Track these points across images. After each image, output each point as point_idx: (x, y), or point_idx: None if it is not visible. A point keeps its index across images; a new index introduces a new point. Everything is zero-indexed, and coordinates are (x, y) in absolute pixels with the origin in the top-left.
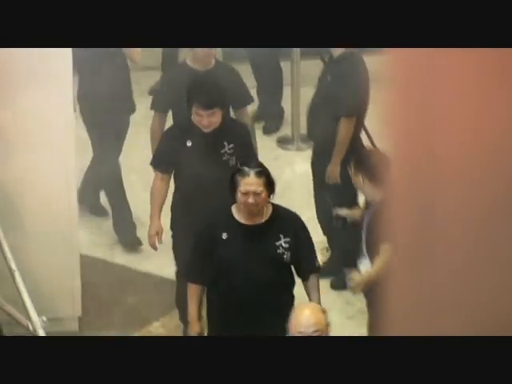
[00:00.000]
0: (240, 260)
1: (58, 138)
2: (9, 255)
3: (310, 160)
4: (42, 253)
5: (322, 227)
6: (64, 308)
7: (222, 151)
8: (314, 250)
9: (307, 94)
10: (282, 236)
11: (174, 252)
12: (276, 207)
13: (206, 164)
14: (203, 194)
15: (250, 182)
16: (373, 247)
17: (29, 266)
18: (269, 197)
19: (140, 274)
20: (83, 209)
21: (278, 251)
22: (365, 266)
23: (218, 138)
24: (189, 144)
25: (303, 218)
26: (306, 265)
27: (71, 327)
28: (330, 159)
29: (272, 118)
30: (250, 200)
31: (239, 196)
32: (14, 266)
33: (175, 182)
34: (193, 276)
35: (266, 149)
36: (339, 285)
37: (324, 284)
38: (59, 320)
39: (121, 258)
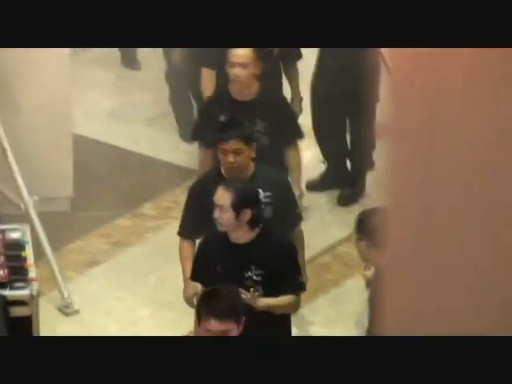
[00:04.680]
0: None
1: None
2: (1, 133)
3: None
4: (35, 131)
5: (317, 141)
6: (56, 188)
7: None
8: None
9: None
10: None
11: None
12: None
13: None
14: None
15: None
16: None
17: (21, 145)
18: None
19: (133, 155)
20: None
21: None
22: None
23: None
24: None
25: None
26: None
27: (63, 207)
28: None
29: None
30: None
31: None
32: (6, 145)
33: None
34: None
35: None
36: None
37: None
38: (51, 200)
39: (115, 139)
